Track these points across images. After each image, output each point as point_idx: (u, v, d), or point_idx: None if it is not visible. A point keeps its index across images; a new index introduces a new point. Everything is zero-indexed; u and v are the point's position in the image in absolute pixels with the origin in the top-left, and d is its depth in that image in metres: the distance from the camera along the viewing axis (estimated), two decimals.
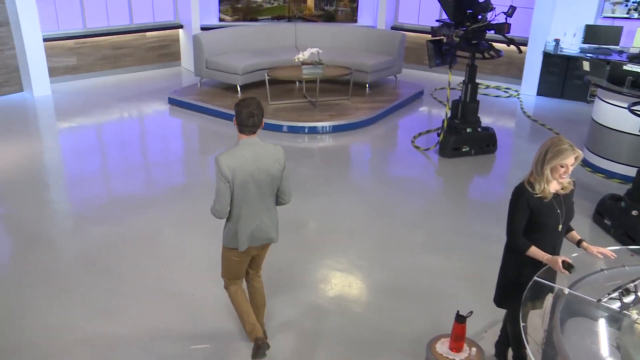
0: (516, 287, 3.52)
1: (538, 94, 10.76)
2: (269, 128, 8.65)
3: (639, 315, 2.98)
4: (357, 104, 9.53)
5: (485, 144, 8.06)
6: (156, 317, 4.70)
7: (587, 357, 2.92)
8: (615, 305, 3.05)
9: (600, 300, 3.07)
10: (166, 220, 6.18)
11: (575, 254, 3.55)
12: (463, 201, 7.04)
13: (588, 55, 9.66)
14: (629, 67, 6.98)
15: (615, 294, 3.06)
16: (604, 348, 2.97)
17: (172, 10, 11.87)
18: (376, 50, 10.66)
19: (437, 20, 7.92)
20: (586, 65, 7.52)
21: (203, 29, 11.39)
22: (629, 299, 3.06)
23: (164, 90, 10.20)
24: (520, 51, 7.95)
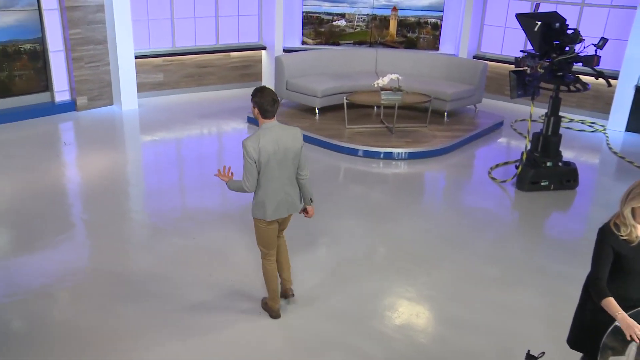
0: (594, 330, 3.32)
1: (627, 130, 10.30)
2: (344, 151, 8.68)
3: None
4: (435, 131, 9.43)
5: (566, 179, 7.77)
6: (224, 334, 4.75)
7: None
8: None
9: None
10: (237, 236, 6.27)
11: None
12: (539, 237, 6.79)
13: None
14: None
15: None
16: None
17: (257, 32, 12.19)
18: (457, 78, 10.54)
19: (522, 51, 7.75)
20: None
21: (285, 51, 11.63)
22: None
23: (244, 109, 10.44)
24: (609, 85, 7.66)
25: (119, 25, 9.94)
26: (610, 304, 3.22)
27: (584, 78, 7.50)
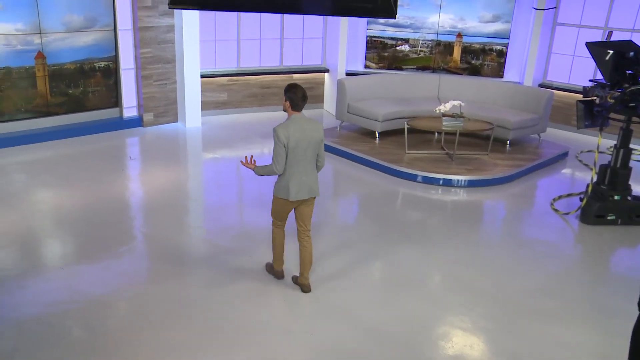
0: None
1: None
2: (403, 176, 8.62)
3: None
4: (496, 160, 9.26)
5: (635, 214, 7.46)
6: (279, 351, 4.76)
7: None
8: None
9: None
10: (291, 256, 6.29)
11: None
12: (603, 273, 6.53)
13: None
14: None
15: None
16: None
17: (320, 55, 12.33)
18: (521, 107, 10.34)
19: (591, 80, 7.55)
20: None
21: (348, 74, 11.71)
22: None
23: None
24: None
25: (187, 45, 10.26)
26: None
27: None
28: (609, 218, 7.41)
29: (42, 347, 4.71)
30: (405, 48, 12.14)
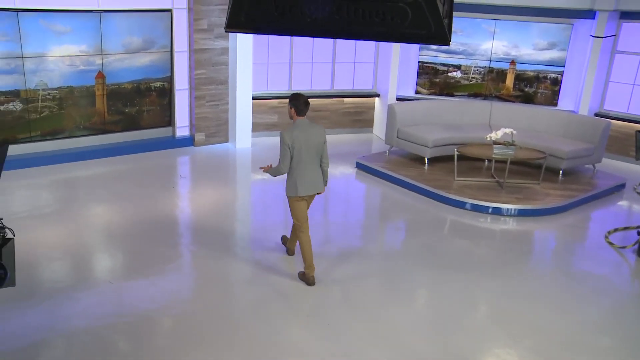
0: None
1: None
2: (452, 203, 8.51)
3: None
4: (548, 189, 9.05)
5: None
6: None
7: None
8: None
9: None
10: (336, 280, 6.27)
11: None
12: None
13: None
14: None
15: None
16: None
17: (372, 80, 12.37)
18: (575, 136, 10.11)
19: None
20: None
21: (399, 99, 11.70)
22: None
23: (354, 154, 10.54)
24: None
25: (240, 67, 10.46)
26: None
27: None
28: None
29: (91, 359, 4.80)
30: (457, 74, 12.07)
